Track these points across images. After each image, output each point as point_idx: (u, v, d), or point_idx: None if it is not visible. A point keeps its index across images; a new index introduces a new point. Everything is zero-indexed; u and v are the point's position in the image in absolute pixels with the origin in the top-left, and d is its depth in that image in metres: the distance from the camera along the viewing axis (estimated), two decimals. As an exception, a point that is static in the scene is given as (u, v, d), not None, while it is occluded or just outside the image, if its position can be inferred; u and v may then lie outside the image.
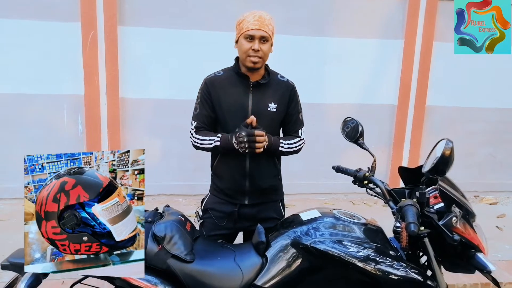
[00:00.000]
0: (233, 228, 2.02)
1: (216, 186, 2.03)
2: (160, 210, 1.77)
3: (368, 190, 1.87)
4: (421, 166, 1.64)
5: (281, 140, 1.95)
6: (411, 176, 1.80)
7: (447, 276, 1.70)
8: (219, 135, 1.90)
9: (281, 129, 2.08)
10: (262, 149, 1.81)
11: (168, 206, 1.82)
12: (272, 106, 1.94)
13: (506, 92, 4.84)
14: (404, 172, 1.86)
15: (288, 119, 2.02)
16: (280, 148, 1.94)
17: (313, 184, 4.68)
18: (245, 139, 1.76)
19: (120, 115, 4.22)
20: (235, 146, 1.80)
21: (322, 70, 4.50)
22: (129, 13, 4.10)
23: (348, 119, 1.98)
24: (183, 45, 4.21)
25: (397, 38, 4.53)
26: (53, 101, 4.12)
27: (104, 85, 4.12)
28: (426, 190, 1.59)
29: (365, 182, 1.84)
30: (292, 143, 1.99)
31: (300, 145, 2.04)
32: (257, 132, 1.77)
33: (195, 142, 1.96)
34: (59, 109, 4.16)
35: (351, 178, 1.93)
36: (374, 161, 1.86)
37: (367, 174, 1.84)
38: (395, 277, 1.54)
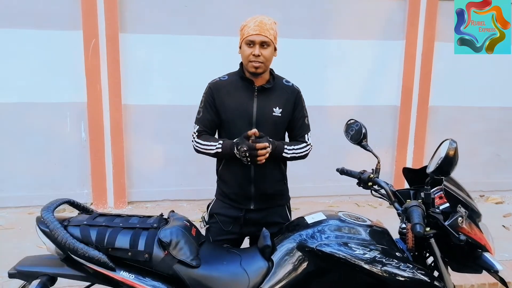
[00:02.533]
0: (239, 233, 2.01)
1: (222, 191, 2.03)
2: (165, 216, 1.77)
3: (373, 191, 1.86)
4: (425, 167, 1.63)
5: (285, 146, 1.94)
6: (416, 177, 1.80)
7: (454, 277, 1.69)
8: (221, 141, 1.90)
9: (286, 134, 2.07)
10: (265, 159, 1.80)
11: (173, 211, 1.82)
12: (277, 111, 1.94)
13: (509, 90, 4.83)
14: (408, 173, 1.86)
15: (294, 124, 2.02)
16: (284, 154, 1.93)
17: (318, 187, 4.67)
18: (247, 154, 1.75)
19: (123, 121, 4.23)
20: (237, 156, 1.80)
21: (323, 72, 4.50)
22: (130, 20, 4.12)
23: (351, 121, 1.98)
24: (184, 50, 4.22)
25: (398, 39, 4.53)
26: (56, 109, 4.14)
27: (107, 92, 4.13)
28: (431, 190, 1.58)
29: (370, 184, 1.84)
30: (297, 148, 1.98)
31: (306, 150, 2.02)
32: (258, 145, 1.76)
33: (196, 146, 1.97)
34: (62, 117, 4.17)
35: (356, 180, 1.93)
36: (378, 162, 1.86)
37: (372, 175, 1.84)
38: (402, 279, 1.54)
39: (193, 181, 4.37)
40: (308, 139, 2.04)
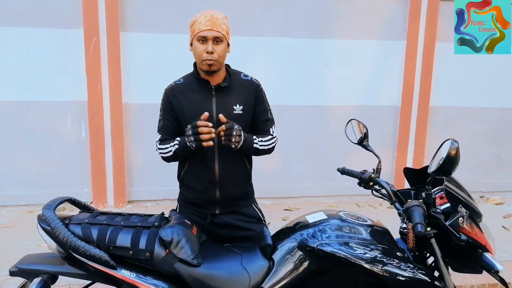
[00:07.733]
0: (211, 235, 1.94)
1: (185, 197, 1.97)
2: (166, 215, 1.77)
3: (373, 191, 1.87)
4: (426, 167, 1.63)
5: (254, 137, 1.87)
6: (417, 177, 1.80)
7: (454, 277, 1.69)
8: (178, 138, 1.84)
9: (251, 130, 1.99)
10: (211, 143, 1.71)
11: (174, 210, 1.82)
12: (238, 108, 1.86)
13: (510, 91, 4.83)
14: (409, 173, 1.86)
15: (257, 119, 1.94)
16: (255, 145, 1.85)
17: (318, 187, 4.67)
18: (190, 132, 1.71)
19: (123, 120, 4.23)
20: (188, 144, 1.74)
21: (324, 72, 4.49)
22: (131, 19, 4.12)
23: (352, 121, 1.98)
24: (185, 49, 4.20)
25: (399, 39, 4.53)
26: (56, 108, 4.14)
27: (107, 91, 4.13)
28: (432, 190, 1.58)
29: (371, 183, 1.84)
30: (265, 140, 1.91)
31: (273, 143, 1.95)
32: (199, 123, 1.69)
33: (160, 153, 1.91)
34: (63, 115, 4.17)
35: (356, 180, 1.92)
36: (379, 162, 1.86)
37: (372, 175, 1.84)
38: (403, 278, 1.54)
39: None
40: (273, 132, 1.97)
